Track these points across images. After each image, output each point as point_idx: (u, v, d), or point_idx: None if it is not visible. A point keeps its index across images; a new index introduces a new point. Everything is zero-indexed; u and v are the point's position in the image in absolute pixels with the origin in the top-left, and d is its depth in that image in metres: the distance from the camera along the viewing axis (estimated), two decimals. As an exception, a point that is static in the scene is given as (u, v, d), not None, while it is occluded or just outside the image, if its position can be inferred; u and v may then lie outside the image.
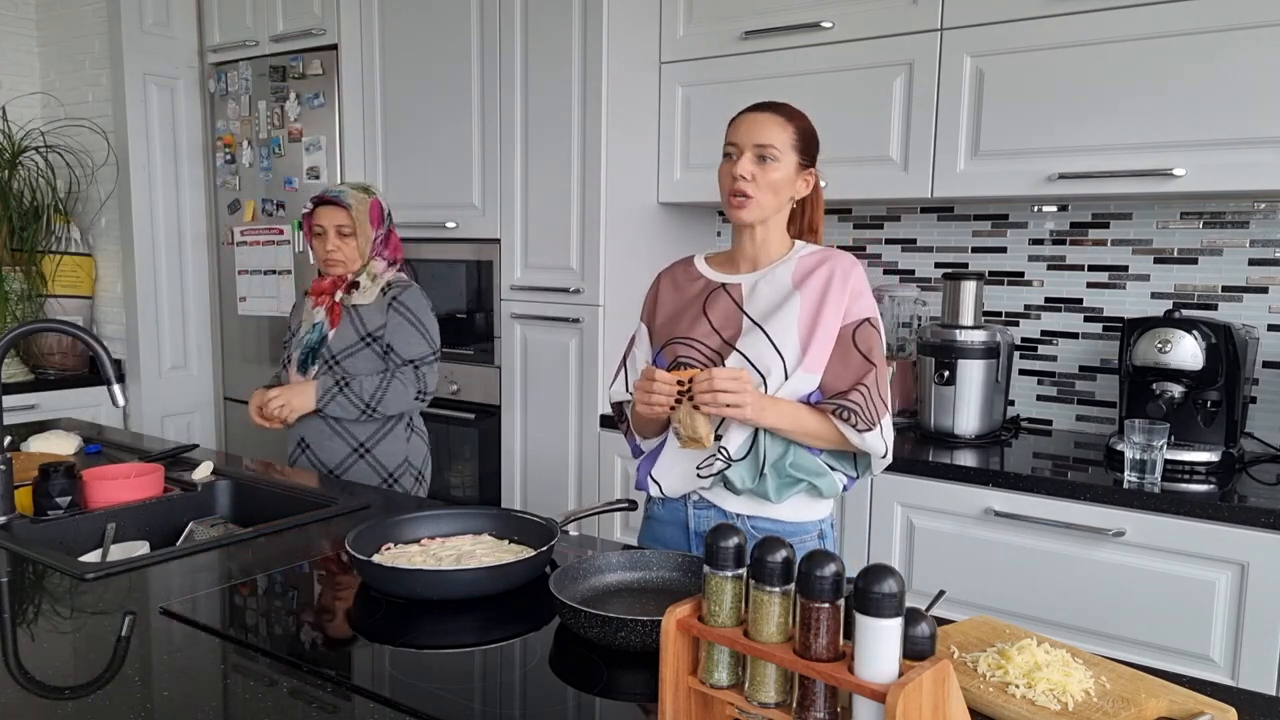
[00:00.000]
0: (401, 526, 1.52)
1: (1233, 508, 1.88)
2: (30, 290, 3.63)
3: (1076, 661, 1.07)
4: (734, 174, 1.59)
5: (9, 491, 1.70)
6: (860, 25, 2.45)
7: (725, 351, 1.60)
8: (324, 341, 2.31)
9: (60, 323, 1.79)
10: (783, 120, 1.61)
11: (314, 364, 2.31)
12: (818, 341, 1.57)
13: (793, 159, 1.61)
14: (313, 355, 2.32)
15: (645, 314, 1.79)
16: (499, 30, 2.84)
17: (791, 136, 1.61)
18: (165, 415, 3.67)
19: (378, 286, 2.32)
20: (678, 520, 1.69)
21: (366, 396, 2.23)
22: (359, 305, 2.31)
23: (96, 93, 3.69)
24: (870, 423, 1.53)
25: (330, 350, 2.29)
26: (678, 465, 1.65)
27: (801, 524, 1.64)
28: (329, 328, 2.31)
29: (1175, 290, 2.45)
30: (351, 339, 2.29)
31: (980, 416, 2.41)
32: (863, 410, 1.53)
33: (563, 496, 2.84)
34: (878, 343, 1.61)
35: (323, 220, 2.29)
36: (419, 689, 1.08)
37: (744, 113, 1.64)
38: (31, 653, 1.18)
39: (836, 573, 0.81)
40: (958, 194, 2.38)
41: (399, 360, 2.29)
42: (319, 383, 2.25)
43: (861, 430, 1.53)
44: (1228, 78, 2.04)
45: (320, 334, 2.32)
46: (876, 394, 1.56)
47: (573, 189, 2.74)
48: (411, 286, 2.35)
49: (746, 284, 1.66)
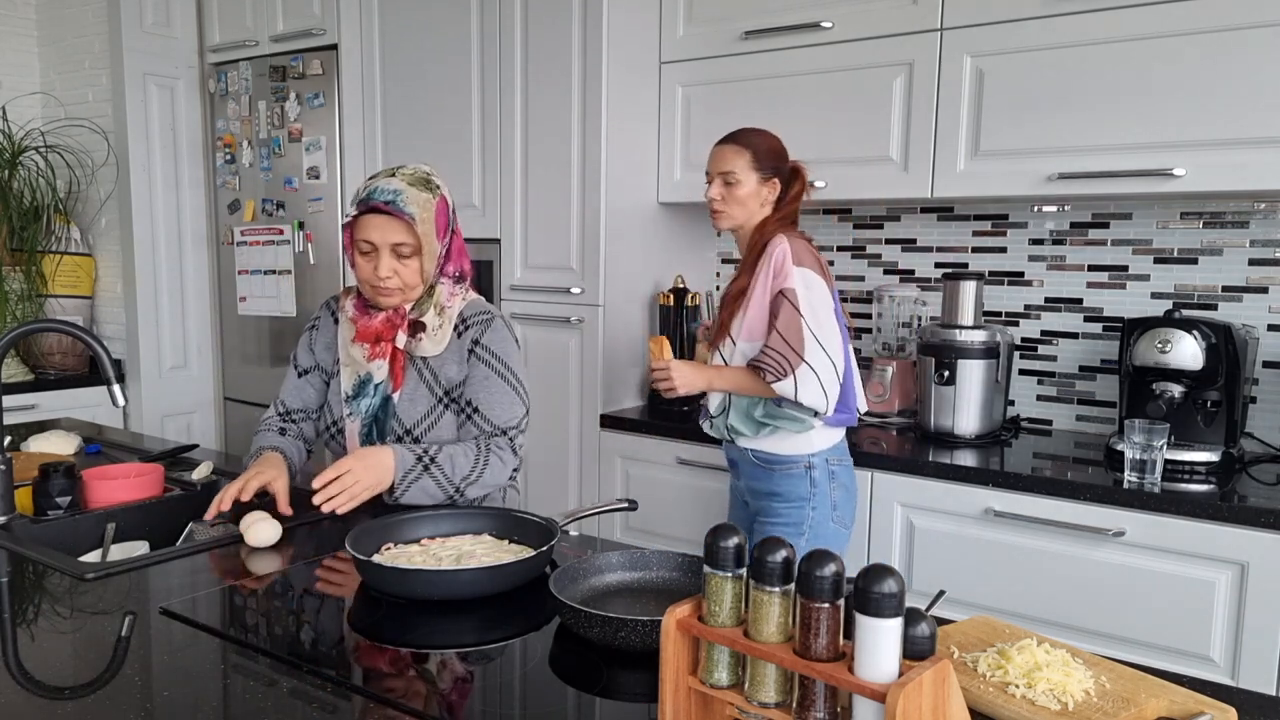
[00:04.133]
0: (401, 526, 1.52)
1: (1233, 508, 1.88)
2: (30, 290, 3.63)
3: (1076, 661, 1.07)
4: (708, 196, 2.09)
5: (9, 491, 1.70)
6: (860, 25, 2.45)
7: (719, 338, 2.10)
8: (389, 407, 1.77)
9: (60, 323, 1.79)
10: (739, 148, 2.04)
11: (382, 441, 1.78)
12: (751, 314, 2.01)
13: (753, 177, 2.04)
14: (379, 428, 1.78)
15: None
16: (499, 30, 2.84)
17: (748, 160, 2.03)
18: (165, 415, 3.67)
19: (449, 325, 1.77)
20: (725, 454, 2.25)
21: (458, 480, 1.70)
22: (429, 356, 1.78)
23: (96, 93, 3.69)
24: (780, 373, 1.92)
25: (402, 423, 1.76)
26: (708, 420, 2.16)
27: (789, 456, 2.05)
28: (392, 388, 1.76)
29: (1175, 290, 2.45)
30: (427, 404, 1.77)
31: (980, 416, 2.41)
32: (774, 363, 1.93)
33: (563, 496, 2.84)
34: (786, 308, 1.95)
35: (372, 234, 1.69)
36: (419, 689, 1.08)
37: (715, 145, 2.09)
38: (31, 653, 1.18)
39: (836, 573, 0.81)
40: (958, 194, 2.38)
41: (487, 427, 1.76)
42: (398, 456, 1.67)
43: (772, 380, 1.93)
44: (1228, 78, 2.04)
45: (382, 396, 1.77)
46: (787, 347, 1.92)
47: (573, 189, 2.74)
48: (492, 320, 1.80)
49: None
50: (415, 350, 1.76)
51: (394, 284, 1.72)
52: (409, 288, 1.74)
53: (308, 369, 1.92)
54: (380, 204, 1.67)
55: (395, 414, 1.77)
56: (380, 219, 1.68)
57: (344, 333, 1.84)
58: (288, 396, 1.94)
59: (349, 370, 1.82)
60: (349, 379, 1.81)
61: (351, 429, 1.81)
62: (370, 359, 1.76)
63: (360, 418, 1.79)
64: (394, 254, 1.70)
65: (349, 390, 1.81)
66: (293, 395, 1.94)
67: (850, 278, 2.93)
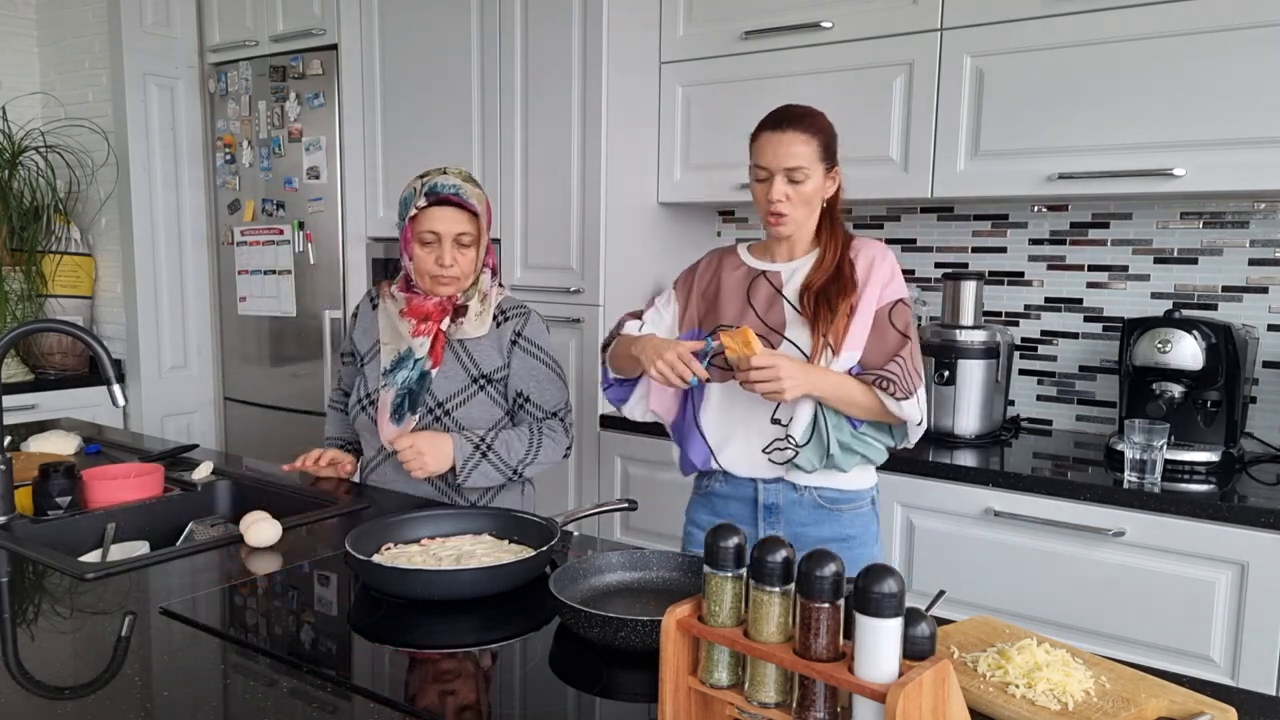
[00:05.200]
0: (401, 526, 1.52)
1: (1233, 508, 1.88)
2: (30, 290, 3.63)
3: (1076, 661, 1.07)
4: (770, 198, 1.67)
5: (9, 491, 1.70)
6: (860, 25, 2.45)
7: (774, 339, 1.70)
8: (425, 382, 1.87)
9: (60, 323, 1.79)
10: (806, 136, 1.67)
11: (413, 412, 1.86)
12: (858, 322, 1.68)
13: (820, 169, 1.69)
14: (411, 400, 1.86)
15: (681, 281, 1.88)
16: (499, 30, 2.84)
17: (816, 150, 1.67)
18: (165, 415, 3.67)
19: (489, 313, 1.90)
20: (745, 496, 1.77)
21: (514, 462, 1.84)
22: (467, 339, 1.90)
23: (96, 93, 3.69)
24: (907, 391, 1.64)
25: (435, 397, 1.86)
26: (745, 449, 1.73)
27: (860, 491, 1.76)
28: (430, 365, 1.86)
29: (1175, 290, 2.45)
30: (461, 382, 1.87)
31: (980, 416, 2.41)
32: (900, 380, 1.63)
33: (563, 496, 2.84)
34: (911, 320, 1.72)
35: (438, 225, 1.81)
36: (419, 689, 1.08)
37: (768, 130, 1.69)
38: (31, 653, 1.18)
39: (836, 573, 0.81)
40: (958, 194, 2.38)
41: (539, 414, 1.90)
42: (458, 444, 1.81)
43: (899, 398, 1.63)
44: (1228, 78, 2.04)
45: (420, 372, 1.86)
46: (911, 365, 1.66)
47: (573, 189, 2.74)
48: (529, 314, 1.93)
49: (785, 271, 1.76)
50: (455, 334, 1.89)
51: (454, 272, 1.84)
52: (465, 277, 1.87)
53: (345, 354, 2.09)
54: (449, 195, 1.80)
55: (430, 388, 1.87)
56: (447, 210, 1.81)
57: (388, 312, 1.94)
58: (344, 377, 2.12)
59: (390, 348, 1.91)
60: (389, 355, 1.90)
61: (385, 398, 1.89)
62: (415, 335, 1.87)
63: (395, 389, 1.87)
64: (456, 244, 1.82)
65: (387, 365, 1.90)
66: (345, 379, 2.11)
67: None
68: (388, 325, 1.93)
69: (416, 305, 1.88)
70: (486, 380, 1.88)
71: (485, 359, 1.88)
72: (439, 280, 1.85)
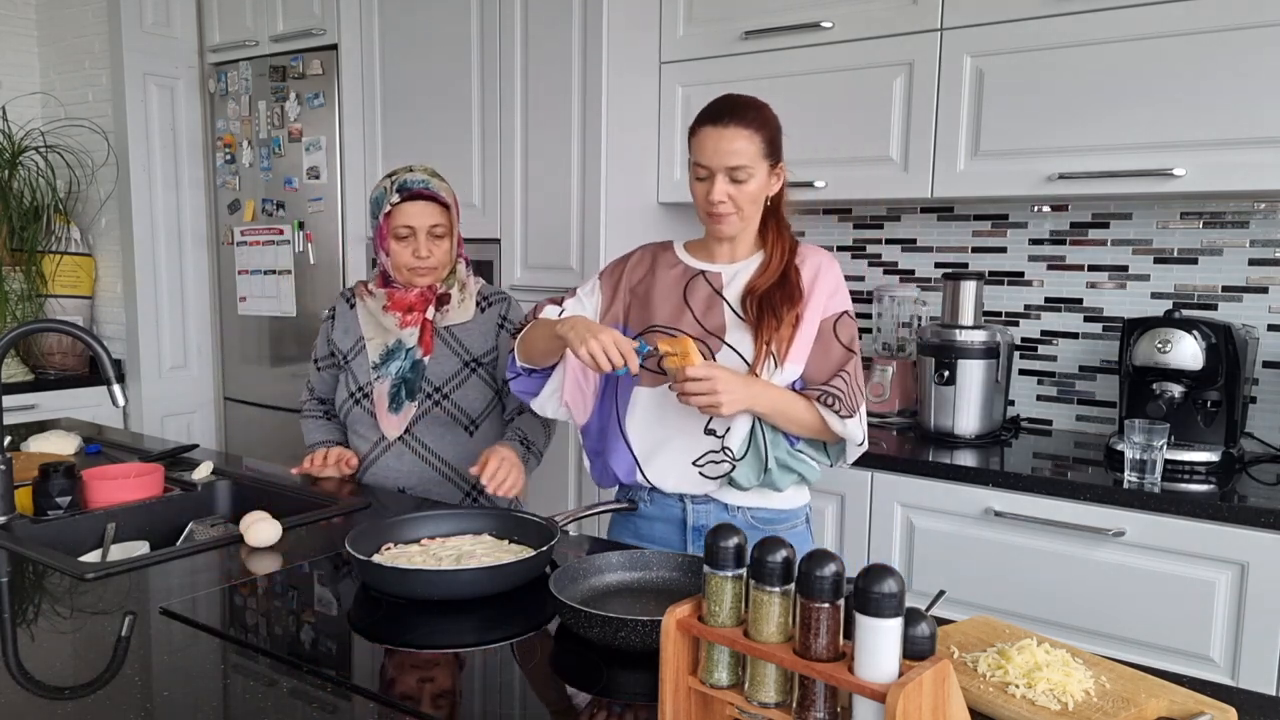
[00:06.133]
0: (401, 526, 1.52)
1: (1233, 508, 1.88)
2: (30, 290, 3.63)
3: (1076, 661, 1.07)
4: (710, 199, 1.58)
5: (9, 491, 1.70)
6: (860, 25, 2.45)
7: (713, 344, 1.61)
8: (419, 370, 1.96)
9: (60, 323, 1.79)
10: (749, 132, 1.58)
11: (411, 399, 1.95)
12: (803, 334, 1.60)
13: (764, 166, 1.60)
14: (408, 388, 1.95)
15: (608, 273, 1.77)
16: (499, 30, 2.84)
17: (760, 147, 1.59)
18: (165, 415, 3.67)
19: (471, 300, 2.01)
20: (672, 517, 1.69)
21: (542, 446, 1.96)
22: (454, 325, 2.00)
23: (96, 93, 3.69)
24: (851, 409, 1.58)
25: (431, 382, 1.96)
26: (675, 461, 1.63)
27: (794, 510, 1.70)
28: (422, 353, 1.95)
29: (1175, 290, 2.45)
30: (453, 366, 1.97)
31: (980, 416, 2.41)
32: (845, 397, 1.57)
33: (563, 496, 2.84)
34: (855, 334, 1.66)
35: (411, 220, 1.90)
36: (419, 689, 1.08)
37: (708, 124, 1.59)
38: (31, 653, 1.18)
39: (836, 573, 0.81)
40: (958, 194, 2.38)
41: None
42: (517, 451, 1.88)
43: (844, 416, 1.57)
44: (1228, 78, 2.04)
45: (413, 360, 1.95)
46: (855, 382, 1.60)
47: (573, 189, 2.74)
48: (510, 300, 2.07)
49: (727, 273, 1.68)
50: (442, 322, 1.97)
51: (431, 263, 1.93)
52: (441, 266, 1.96)
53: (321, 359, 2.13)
54: (420, 190, 1.89)
55: (425, 375, 1.95)
56: (419, 204, 1.90)
57: (368, 308, 2.01)
58: (317, 386, 2.16)
59: (375, 342, 1.98)
60: (375, 350, 1.98)
61: (380, 389, 1.97)
62: (402, 326, 1.95)
63: (390, 379, 1.95)
64: (430, 235, 1.92)
65: (376, 358, 1.97)
66: (320, 385, 2.15)
67: (851, 278, 2.91)
68: (369, 321, 2.00)
69: (399, 298, 1.96)
70: (477, 363, 1.98)
71: (474, 343, 1.98)
72: (416, 272, 1.93)
